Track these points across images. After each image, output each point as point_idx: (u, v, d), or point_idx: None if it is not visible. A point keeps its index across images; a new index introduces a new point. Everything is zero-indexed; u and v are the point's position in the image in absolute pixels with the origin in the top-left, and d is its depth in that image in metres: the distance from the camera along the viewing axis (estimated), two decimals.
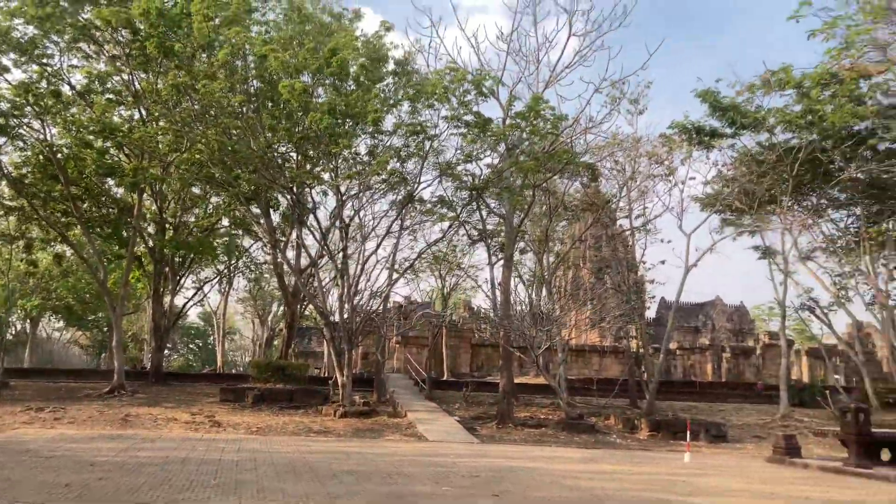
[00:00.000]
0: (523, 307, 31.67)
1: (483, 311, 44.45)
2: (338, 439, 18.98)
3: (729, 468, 15.94)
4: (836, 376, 48.42)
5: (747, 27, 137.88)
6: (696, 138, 30.52)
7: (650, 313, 46.81)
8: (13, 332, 54.90)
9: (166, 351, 77.02)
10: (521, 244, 36.17)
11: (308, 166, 27.79)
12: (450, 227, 27.37)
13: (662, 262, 29.82)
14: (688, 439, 18.31)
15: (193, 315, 71.88)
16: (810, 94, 25.94)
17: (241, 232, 36.46)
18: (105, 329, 57.53)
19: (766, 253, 37.37)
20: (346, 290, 25.41)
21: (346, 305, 25.68)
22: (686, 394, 38.69)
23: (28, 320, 54.13)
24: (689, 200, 36.03)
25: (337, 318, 26.47)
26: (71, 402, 24.69)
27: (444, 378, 39.89)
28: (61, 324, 65.97)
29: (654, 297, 30.88)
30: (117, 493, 9.02)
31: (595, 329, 52.18)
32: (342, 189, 25.72)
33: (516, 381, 32.39)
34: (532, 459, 15.68)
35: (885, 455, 16.19)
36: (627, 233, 33.01)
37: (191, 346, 75.08)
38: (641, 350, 31.75)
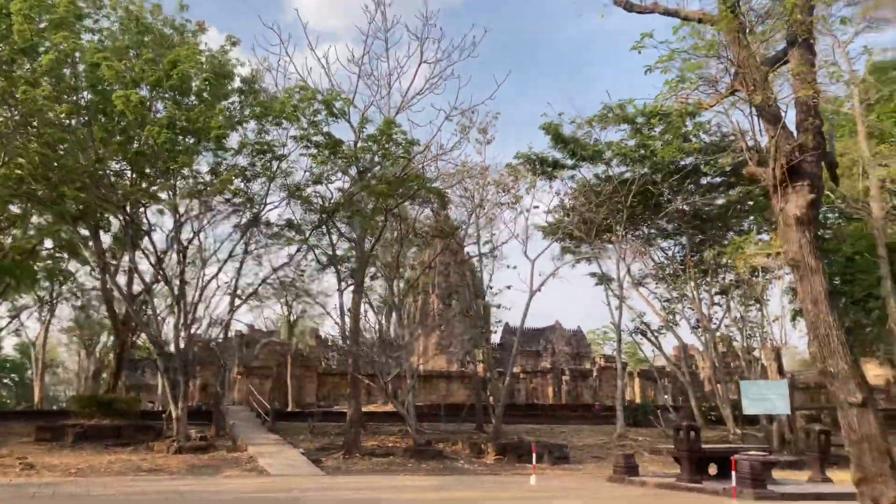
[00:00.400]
0: (373, 334, 31.27)
1: (331, 338, 43.52)
2: (170, 477, 17.54)
3: (573, 489, 16.29)
4: (665, 396, 51.46)
5: (600, 61, 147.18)
6: (540, 168, 31.76)
7: (495, 338, 47.91)
8: None
9: None
10: (372, 270, 35.83)
11: (144, 184, 25.92)
12: (297, 250, 26.56)
13: (508, 287, 30.58)
14: (534, 462, 18.58)
15: (8, 347, 64.94)
16: (642, 130, 27.78)
17: (66, 255, 33.36)
18: None
19: (602, 279, 39.39)
20: (182, 317, 23.82)
21: (183, 334, 24.07)
22: (530, 416, 39.68)
23: None
24: (532, 228, 37.36)
25: (172, 347, 24.74)
26: None
27: (290, 409, 38.40)
28: None
29: (500, 322, 31.55)
30: None
31: (442, 354, 52.77)
32: (181, 209, 24.22)
33: (364, 409, 31.76)
34: (378, 490, 15.23)
35: (713, 469, 17.23)
36: (475, 259, 33.58)
37: (5, 381, 67.61)
38: (488, 374, 32.23)
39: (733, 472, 14.64)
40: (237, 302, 26.64)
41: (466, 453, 26.33)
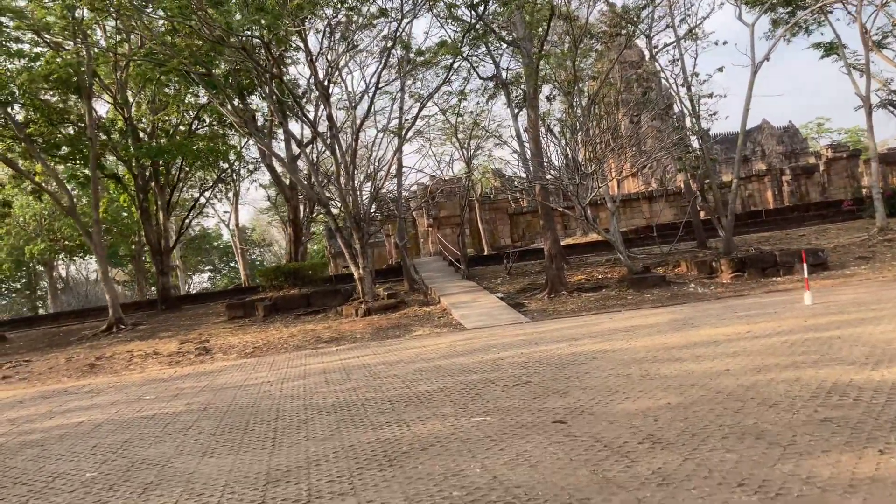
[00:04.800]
0: (559, 157, 26.89)
1: (514, 174, 39.70)
2: (350, 346, 15.11)
3: (877, 304, 11.52)
4: None
5: None
6: None
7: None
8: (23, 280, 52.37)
9: (200, 273, 74.82)
10: (547, 90, 30.96)
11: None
12: (452, 63, 22.29)
13: (720, 70, 24.26)
14: (805, 274, 13.87)
15: (227, 233, 68.51)
16: None
17: (226, 131, 31.87)
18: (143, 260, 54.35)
19: (834, 48, 31.62)
20: (340, 168, 20.94)
21: (346, 185, 21.31)
22: (754, 225, 34.33)
23: (43, 265, 51.36)
24: None
25: (341, 204, 22.21)
26: (57, 349, 21.40)
27: (485, 254, 35.90)
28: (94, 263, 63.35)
29: (715, 115, 25.53)
30: None
31: (638, 177, 47.57)
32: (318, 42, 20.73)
33: (563, 243, 28.13)
34: (605, 337, 11.47)
35: None
36: (672, 47, 27.24)
37: (220, 264, 72.10)
38: (707, 182, 26.87)
39: None
40: (400, 140, 23.29)
41: (694, 275, 21.97)
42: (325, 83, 21.15)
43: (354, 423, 6.84)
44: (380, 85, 23.29)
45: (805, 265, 14.18)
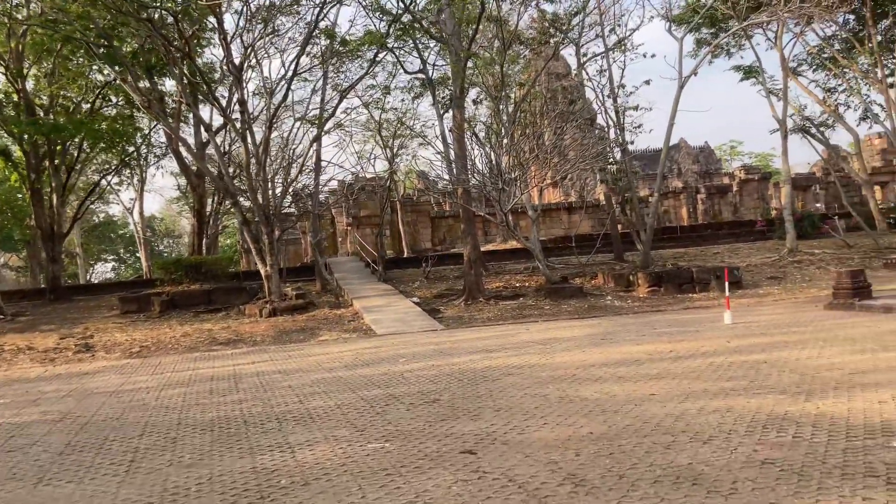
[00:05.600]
0: (483, 161, 26.32)
1: (437, 176, 38.97)
2: (247, 350, 13.95)
3: (797, 326, 11.32)
4: (818, 204, 45.45)
5: None
6: None
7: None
8: None
9: (103, 262, 70.80)
10: (474, 93, 30.44)
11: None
12: (377, 54, 21.38)
13: (647, 83, 24.27)
14: (726, 293, 13.62)
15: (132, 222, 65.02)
16: None
17: (134, 112, 29.80)
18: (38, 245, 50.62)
19: (750, 72, 32.49)
20: (251, 157, 19.68)
21: (257, 177, 20.06)
22: (669, 240, 34.70)
23: None
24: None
25: (251, 197, 20.89)
26: None
27: (405, 256, 34.98)
28: None
29: (640, 127, 25.48)
30: None
31: (558, 188, 47.86)
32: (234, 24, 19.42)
33: (483, 249, 27.58)
34: (522, 350, 10.81)
35: None
36: (600, 57, 27.08)
37: (125, 254, 68.41)
38: (628, 194, 26.84)
39: None
40: (318, 133, 22.18)
41: (612, 287, 21.76)
42: (240, 66, 19.83)
43: (231, 445, 5.86)
44: (298, 71, 22.16)
45: (727, 283, 13.95)
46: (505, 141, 25.92)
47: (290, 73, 20.33)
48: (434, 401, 7.04)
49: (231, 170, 22.77)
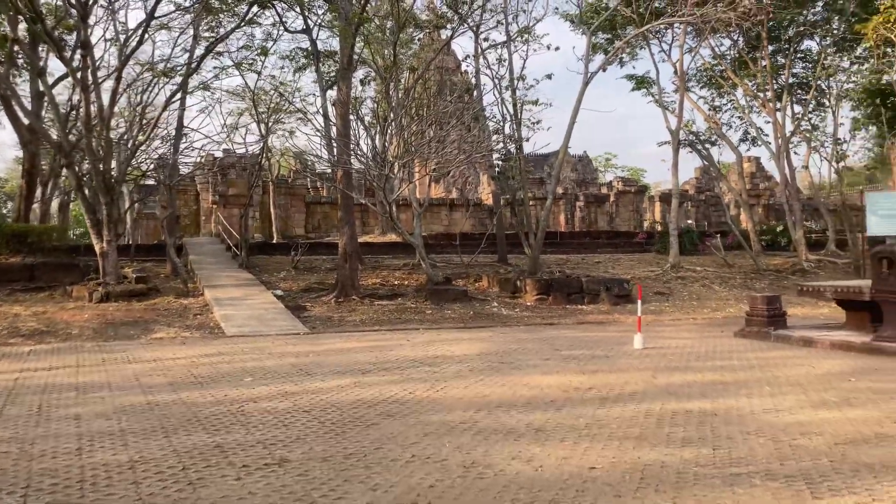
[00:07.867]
0: (367, 144, 23.97)
1: (315, 156, 36.04)
2: (53, 348, 11.02)
3: (720, 360, 9.89)
4: (689, 221, 46.57)
5: None
6: None
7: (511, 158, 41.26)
8: None
9: None
10: (361, 73, 28.05)
11: None
12: (250, 7, 18.60)
13: (549, 77, 22.81)
14: (639, 312, 12.12)
15: None
16: None
17: None
18: None
19: (642, 82, 32.09)
20: (91, 113, 16.40)
21: (99, 136, 16.78)
22: (550, 245, 33.57)
23: None
24: None
25: (90, 158, 17.51)
26: None
27: (274, 242, 31.93)
28: None
29: (538, 123, 24.02)
30: None
31: (439, 183, 46.39)
32: None
33: (360, 240, 25.24)
34: (404, 373, 8.72)
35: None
36: (501, 45, 25.35)
37: None
38: (518, 195, 25.37)
39: None
40: (181, 87, 19.01)
41: (496, 292, 20.12)
42: (85, 1, 16.46)
43: None
44: (165, 22, 19.02)
45: (640, 303, 12.48)
46: (392, 126, 23.74)
47: (147, 17, 17.13)
48: (280, 462, 4.79)
49: (76, 126, 19.18)
